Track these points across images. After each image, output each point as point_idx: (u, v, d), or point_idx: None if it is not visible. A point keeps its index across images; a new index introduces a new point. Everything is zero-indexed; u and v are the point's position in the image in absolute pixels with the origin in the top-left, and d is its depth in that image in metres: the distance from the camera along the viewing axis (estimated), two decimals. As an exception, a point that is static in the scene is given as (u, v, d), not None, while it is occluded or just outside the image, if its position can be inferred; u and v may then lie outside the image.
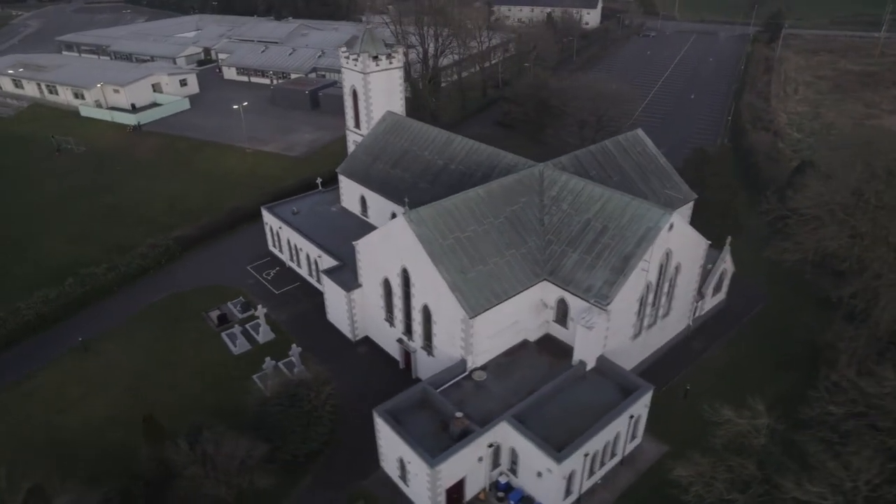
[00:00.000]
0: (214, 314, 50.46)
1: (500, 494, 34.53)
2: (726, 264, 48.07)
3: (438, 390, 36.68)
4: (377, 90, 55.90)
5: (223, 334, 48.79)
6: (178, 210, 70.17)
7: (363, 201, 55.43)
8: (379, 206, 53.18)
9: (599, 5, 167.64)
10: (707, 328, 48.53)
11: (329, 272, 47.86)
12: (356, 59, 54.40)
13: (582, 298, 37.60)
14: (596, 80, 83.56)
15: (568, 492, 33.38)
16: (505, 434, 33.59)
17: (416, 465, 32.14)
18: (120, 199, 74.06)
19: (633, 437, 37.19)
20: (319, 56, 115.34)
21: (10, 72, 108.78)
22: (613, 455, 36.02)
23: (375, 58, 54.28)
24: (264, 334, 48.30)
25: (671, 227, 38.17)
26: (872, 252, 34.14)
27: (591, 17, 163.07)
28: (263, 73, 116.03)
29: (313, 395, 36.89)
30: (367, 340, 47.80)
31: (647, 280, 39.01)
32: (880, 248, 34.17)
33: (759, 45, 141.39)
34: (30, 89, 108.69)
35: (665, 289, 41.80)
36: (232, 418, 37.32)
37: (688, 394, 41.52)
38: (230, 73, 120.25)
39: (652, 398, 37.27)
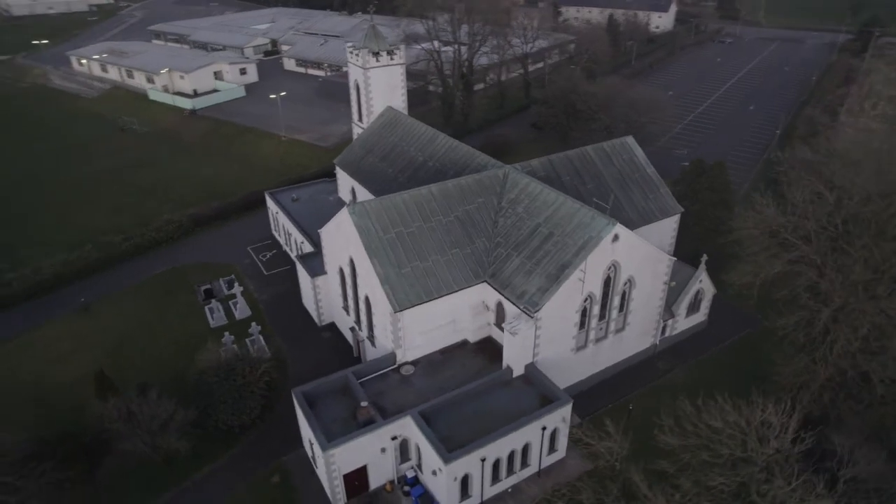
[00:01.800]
0: (203, 288, 53.88)
1: (406, 488, 34.97)
2: (702, 284, 45.57)
3: (363, 380, 37.58)
4: (377, 85, 57.30)
5: (206, 308, 52.01)
6: (206, 190, 74.85)
7: (353, 192, 57.05)
8: (364, 197, 54.52)
9: (673, 9, 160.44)
10: (677, 349, 46.32)
11: (303, 258, 49.82)
12: (357, 55, 56.08)
13: (514, 304, 37.19)
14: (630, 85, 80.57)
15: (466, 494, 33.30)
16: (408, 429, 33.97)
17: (316, 446, 33.24)
18: (160, 177, 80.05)
19: (554, 450, 36.36)
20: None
21: (96, 57, 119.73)
22: (526, 465, 35.42)
23: (377, 54, 55.73)
24: (241, 311, 51.08)
25: (616, 238, 36.92)
26: (828, 283, 31.28)
27: (663, 21, 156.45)
28: (319, 66, 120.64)
29: (248, 372, 38.83)
30: (332, 327, 49.38)
31: (589, 291, 37.91)
32: (838, 278, 31.29)
33: (847, 54, 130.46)
34: (113, 73, 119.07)
35: (615, 303, 40.34)
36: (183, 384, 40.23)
37: (630, 414, 39.95)
38: (290, 65, 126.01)
39: (595, 415, 36.53)
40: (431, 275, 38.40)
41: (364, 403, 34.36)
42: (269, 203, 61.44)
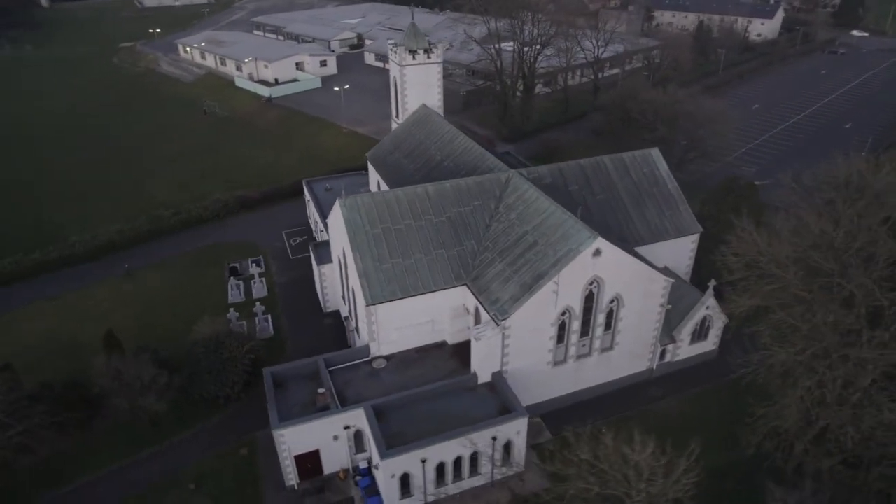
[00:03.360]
0: (230, 266, 57.36)
1: (357, 478, 35.65)
2: (710, 311, 42.49)
3: (334, 368, 38.68)
4: (413, 83, 58.25)
5: (229, 284, 55.34)
6: (262, 175, 79.14)
7: (378, 186, 58.31)
8: (386, 192, 55.69)
9: (779, 16, 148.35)
10: (676, 377, 43.58)
11: (316, 245, 51.69)
12: (395, 52, 57.23)
13: (486, 310, 36.72)
14: (693, 96, 75.64)
15: (407, 492, 33.40)
16: (361, 420, 34.56)
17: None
18: (225, 160, 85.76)
19: (510, 462, 35.56)
20: (447, 49, 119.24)
21: (195, 45, 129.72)
22: (477, 474, 34.91)
23: (413, 52, 56.60)
24: (258, 290, 53.93)
25: (598, 252, 35.40)
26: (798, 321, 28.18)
27: (766, 29, 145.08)
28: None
29: (235, 347, 41.06)
30: (336, 314, 50.92)
31: (566, 305, 36.62)
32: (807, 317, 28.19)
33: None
34: (209, 60, 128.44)
35: (600, 320, 38.63)
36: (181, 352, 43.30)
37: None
38: (370, 59, 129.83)
39: (568, 435, 35.69)
40: (412, 273, 38.70)
41: (321, 390, 35.40)
42: (307, 191, 64.11)
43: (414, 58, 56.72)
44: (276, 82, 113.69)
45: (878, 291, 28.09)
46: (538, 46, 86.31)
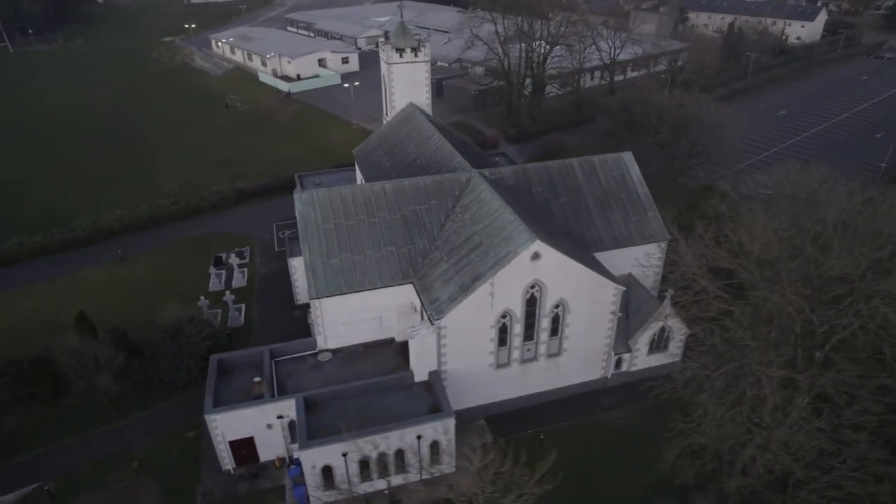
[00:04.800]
0: (215, 255, 59.03)
1: (291, 467, 36.27)
2: (668, 322, 41.22)
3: (280, 358, 39.44)
4: (400, 81, 58.55)
5: (213, 273, 56.97)
6: (270, 169, 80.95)
7: (361, 182, 58.88)
8: (366, 189, 56.21)
9: (821, 18, 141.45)
10: (633, 387, 42.39)
11: (291, 238, 52.62)
12: (383, 50, 57.70)
13: (424, 308, 36.75)
14: (699, 100, 72.99)
15: (331, 485, 33.78)
16: (292, 410, 35.15)
17: (209, 410, 35.68)
18: (237, 153, 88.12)
19: (439, 462, 35.48)
20: (468, 48, 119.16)
21: (224, 41, 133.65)
22: (404, 471, 34.99)
23: (401, 50, 56.91)
24: (237, 280, 55.43)
25: (536, 256, 34.91)
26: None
27: (807, 31, 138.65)
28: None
29: (192, 333, 42.34)
30: (306, 306, 51.61)
31: (505, 308, 36.26)
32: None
33: None
34: (238, 55, 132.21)
35: (544, 325, 38.05)
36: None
37: (543, 444, 37.71)
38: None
39: (508, 440, 35.99)
40: (359, 269, 39.06)
41: (257, 379, 36.19)
42: (298, 184, 65.23)
43: (401, 56, 56.99)
44: (298, 78, 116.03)
45: (808, 310, 26.80)
46: (547, 46, 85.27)
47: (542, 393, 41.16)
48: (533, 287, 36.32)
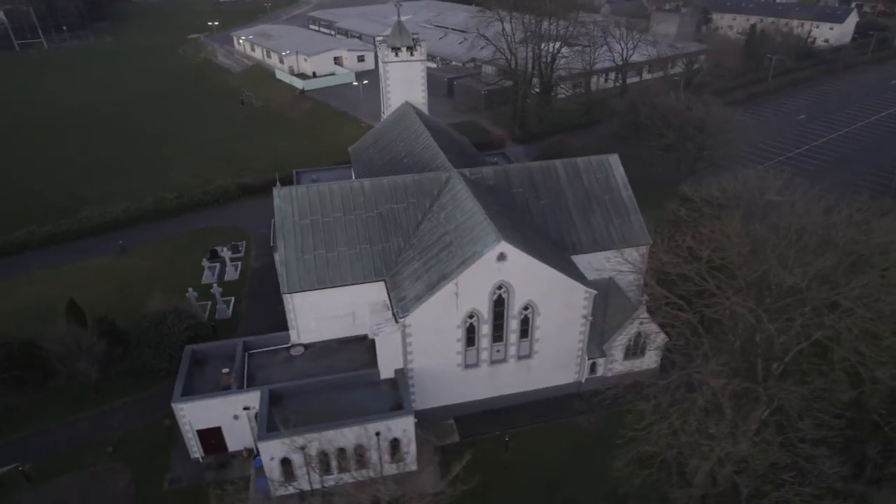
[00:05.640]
0: (210, 249, 60.21)
1: (257, 457, 36.85)
2: (644, 328, 40.61)
3: (253, 351, 40.11)
4: (395, 79, 58.92)
5: (206, 265, 58.14)
6: (277, 165, 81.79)
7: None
8: (357, 186, 56.67)
9: (852, 19, 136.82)
10: (607, 393, 41.81)
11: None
12: (379, 48, 58.12)
13: (391, 306, 36.94)
14: (704, 102, 71.42)
15: (291, 477, 34.18)
16: (258, 402, 35.70)
17: (179, 399, 36.50)
18: (247, 149, 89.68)
19: (400, 460, 35.66)
20: (482, 48, 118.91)
21: (243, 38, 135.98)
22: (363, 467, 35.17)
23: (397, 49, 57.23)
24: (230, 274, 56.54)
25: (502, 257, 34.78)
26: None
27: (836, 33, 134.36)
28: (432, 58, 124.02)
29: (174, 324, 43.31)
30: (294, 301, 52.44)
31: (472, 308, 36.21)
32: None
33: None
34: (257, 53, 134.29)
35: (513, 326, 37.86)
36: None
37: (507, 447, 37.60)
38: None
39: (478, 442, 36.20)
40: (332, 265, 39.46)
41: (225, 370, 36.88)
42: (295, 181, 66.10)
43: (397, 55, 57.29)
44: (314, 75, 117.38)
45: (765, 319, 26.15)
46: (556, 46, 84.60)
47: (514, 395, 40.99)
48: (500, 288, 36.20)
